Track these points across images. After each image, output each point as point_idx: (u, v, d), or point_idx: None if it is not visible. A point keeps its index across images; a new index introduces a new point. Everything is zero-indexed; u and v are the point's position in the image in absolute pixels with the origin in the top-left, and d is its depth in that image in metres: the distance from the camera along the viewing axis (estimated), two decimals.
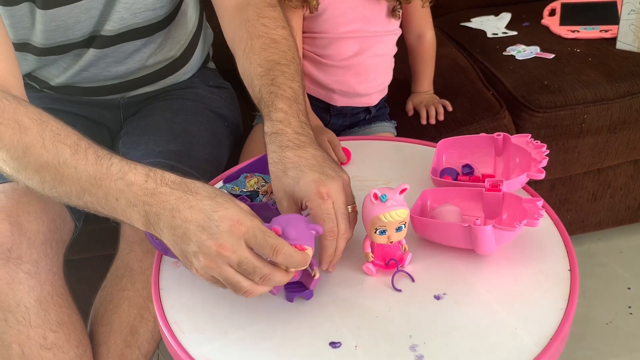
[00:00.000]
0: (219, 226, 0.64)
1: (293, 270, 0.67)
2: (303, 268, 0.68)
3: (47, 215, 0.87)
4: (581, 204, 1.45)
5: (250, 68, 0.85)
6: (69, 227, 0.94)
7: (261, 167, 0.90)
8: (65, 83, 1.07)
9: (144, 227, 0.69)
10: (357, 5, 1.06)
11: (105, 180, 0.69)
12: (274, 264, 0.66)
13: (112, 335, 0.91)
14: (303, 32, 1.08)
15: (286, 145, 0.74)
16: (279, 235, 0.66)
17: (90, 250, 1.16)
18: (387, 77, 1.17)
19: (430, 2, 1.14)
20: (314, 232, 0.68)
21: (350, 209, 0.73)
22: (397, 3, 1.10)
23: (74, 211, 0.95)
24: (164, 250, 0.77)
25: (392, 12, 1.11)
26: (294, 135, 0.75)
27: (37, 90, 1.10)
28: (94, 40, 1.01)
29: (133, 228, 0.94)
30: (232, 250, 0.63)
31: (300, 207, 0.74)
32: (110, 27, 0.99)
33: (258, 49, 0.85)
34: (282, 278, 0.66)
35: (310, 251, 0.67)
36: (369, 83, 1.14)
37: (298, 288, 0.72)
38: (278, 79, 0.81)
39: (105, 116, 1.13)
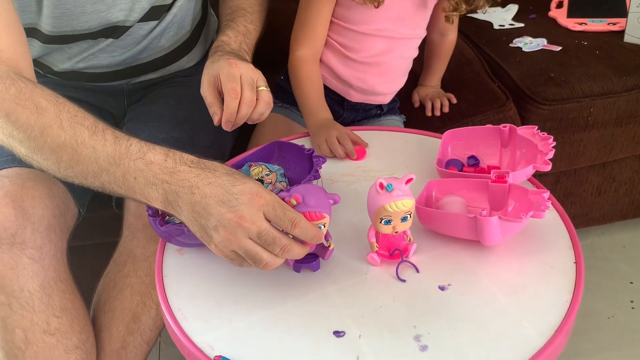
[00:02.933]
0: (238, 199, 0.65)
1: (327, 219, 0.68)
2: (319, 242, 0.70)
3: (51, 201, 0.87)
4: (585, 197, 1.44)
5: (222, 12, 1.02)
6: (72, 213, 0.94)
7: (265, 156, 0.90)
8: (69, 69, 1.07)
9: (162, 206, 0.69)
10: (395, 4, 1.05)
11: (124, 160, 0.70)
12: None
13: (115, 321, 0.91)
14: (334, 18, 1.06)
15: (220, 54, 0.89)
16: (298, 203, 0.68)
17: (93, 237, 1.15)
18: (404, 79, 1.17)
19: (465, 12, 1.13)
20: (331, 202, 0.69)
21: (265, 88, 0.85)
22: (452, 11, 1.10)
23: (77, 197, 0.95)
24: (168, 237, 0.77)
25: (446, 18, 1.12)
26: (229, 50, 0.91)
27: (40, 76, 1.10)
28: (114, 30, 1.02)
29: (136, 215, 0.94)
30: (252, 221, 0.64)
31: (217, 86, 0.86)
32: (132, 17, 1.01)
33: None
34: (300, 250, 0.67)
35: (327, 220, 0.69)
36: (388, 84, 1.14)
37: (306, 259, 0.73)
38: (238, 18, 0.99)
39: (109, 102, 1.12)
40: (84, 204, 0.98)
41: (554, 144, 0.82)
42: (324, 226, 0.69)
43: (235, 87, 0.83)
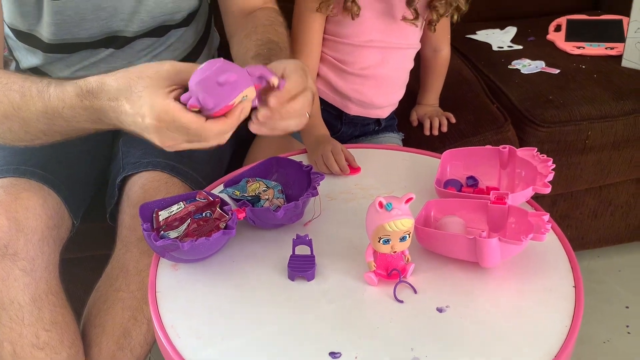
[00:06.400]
0: (147, 128, 0.66)
1: (239, 97, 0.66)
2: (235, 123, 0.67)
3: (45, 212, 0.86)
4: (581, 220, 1.44)
5: (249, 43, 0.91)
6: (66, 225, 0.93)
7: (263, 172, 0.89)
8: (69, 77, 1.06)
9: (120, 128, 0.72)
10: (381, 16, 1.06)
11: (57, 111, 0.72)
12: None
13: (105, 336, 0.89)
14: (326, 35, 1.08)
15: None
16: (199, 110, 0.65)
17: (85, 250, 1.14)
18: (401, 91, 1.17)
19: (454, 19, 1.13)
20: (223, 79, 0.64)
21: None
22: (433, 17, 1.09)
23: (72, 209, 0.94)
24: (162, 253, 0.76)
25: (428, 25, 1.11)
26: None
27: None
28: (114, 40, 1.01)
29: (130, 228, 0.93)
30: (172, 139, 0.66)
31: None
32: (132, 28, 1.00)
33: (260, 32, 0.92)
34: (226, 122, 0.66)
35: (243, 93, 0.66)
36: (386, 96, 1.14)
37: (301, 266, 0.72)
38: (272, 51, 0.88)
39: None
40: (78, 216, 0.97)
41: (554, 166, 0.82)
42: (246, 97, 0.66)
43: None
